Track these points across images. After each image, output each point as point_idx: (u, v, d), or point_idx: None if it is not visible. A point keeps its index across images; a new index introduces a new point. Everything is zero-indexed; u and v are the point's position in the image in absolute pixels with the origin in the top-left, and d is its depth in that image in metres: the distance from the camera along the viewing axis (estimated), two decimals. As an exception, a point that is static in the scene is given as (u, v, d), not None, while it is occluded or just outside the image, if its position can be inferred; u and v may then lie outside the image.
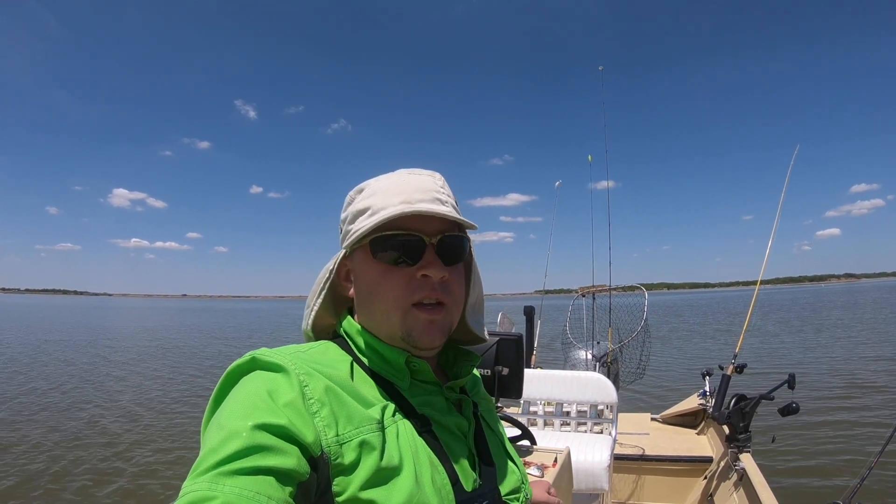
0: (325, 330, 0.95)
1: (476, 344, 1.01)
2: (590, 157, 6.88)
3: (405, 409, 0.80)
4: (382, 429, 0.74)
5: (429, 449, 0.78)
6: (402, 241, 0.81)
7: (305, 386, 0.71)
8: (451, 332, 0.86)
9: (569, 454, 2.14)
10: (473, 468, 0.84)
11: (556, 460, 2.03)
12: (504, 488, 0.88)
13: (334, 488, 0.68)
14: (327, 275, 0.92)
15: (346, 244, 0.88)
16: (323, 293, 0.92)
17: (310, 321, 0.93)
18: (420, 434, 0.78)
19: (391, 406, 0.78)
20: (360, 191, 0.90)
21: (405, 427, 0.77)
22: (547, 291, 6.94)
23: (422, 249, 0.82)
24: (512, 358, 2.36)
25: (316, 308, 0.92)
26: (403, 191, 0.84)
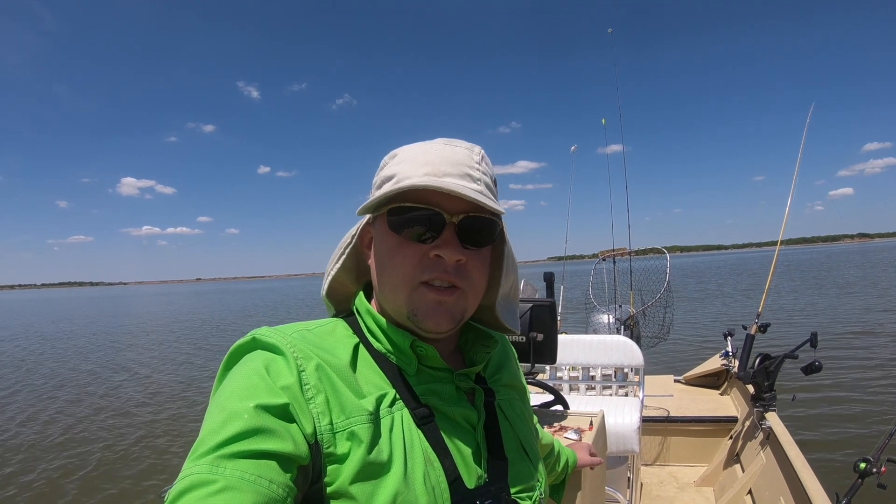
0: (348, 299, 0.91)
1: (507, 334, 0.97)
2: (603, 121, 6.82)
3: (408, 398, 0.76)
4: (376, 420, 0.71)
5: (427, 443, 0.74)
6: (420, 215, 0.75)
7: (302, 370, 0.69)
8: (463, 319, 0.80)
9: (603, 417, 2.15)
10: (480, 463, 0.79)
11: (591, 424, 2.05)
12: (515, 485, 0.82)
13: (326, 478, 0.66)
14: (349, 240, 0.88)
15: (363, 208, 0.81)
16: (342, 259, 0.88)
17: (325, 287, 0.89)
18: (419, 426, 0.74)
19: (390, 395, 0.75)
20: (394, 156, 0.83)
21: (402, 418, 0.74)
22: (567, 257, 6.95)
23: (441, 227, 0.76)
24: (546, 324, 2.36)
25: (333, 273, 0.88)
26: (432, 161, 0.77)
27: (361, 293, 0.87)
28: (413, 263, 0.76)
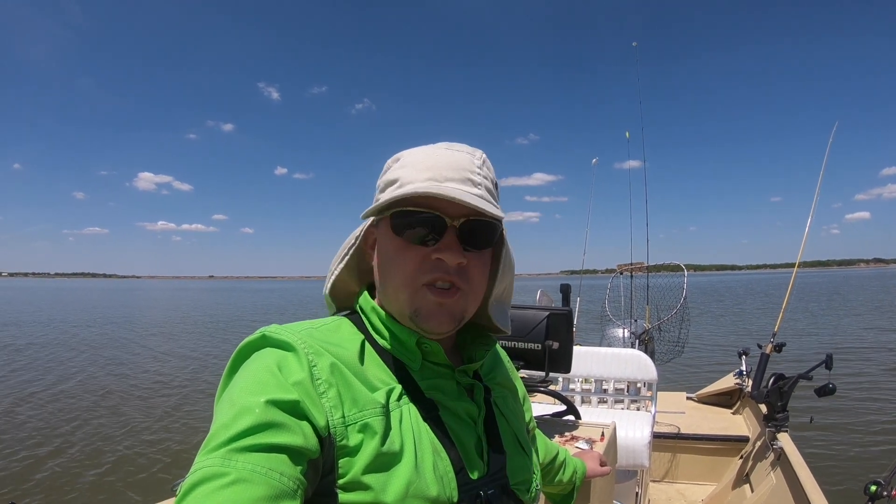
0: (349, 297, 0.93)
1: (499, 335, 0.97)
2: (627, 134, 6.81)
3: (413, 393, 0.78)
4: (387, 413, 0.73)
5: (433, 435, 0.76)
6: (422, 218, 0.77)
7: (314, 366, 0.70)
8: (463, 319, 0.82)
9: (615, 429, 2.15)
10: (482, 456, 0.82)
11: (603, 435, 2.05)
12: (513, 477, 0.85)
13: (339, 470, 0.68)
14: (352, 241, 0.89)
15: (367, 212, 0.83)
16: (346, 259, 0.89)
17: (328, 285, 0.91)
18: (425, 419, 0.77)
19: (398, 389, 0.77)
20: (397, 160, 0.85)
21: (410, 412, 0.76)
22: (580, 271, 6.93)
23: (442, 230, 0.78)
24: (562, 332, 2.35)
25: (336, 272, 0.89)
26: (434, 166, 0.80)
27: (366, 291, 0.89)
28: (415, 266, 0.78)
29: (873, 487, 2.71)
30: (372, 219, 0.86)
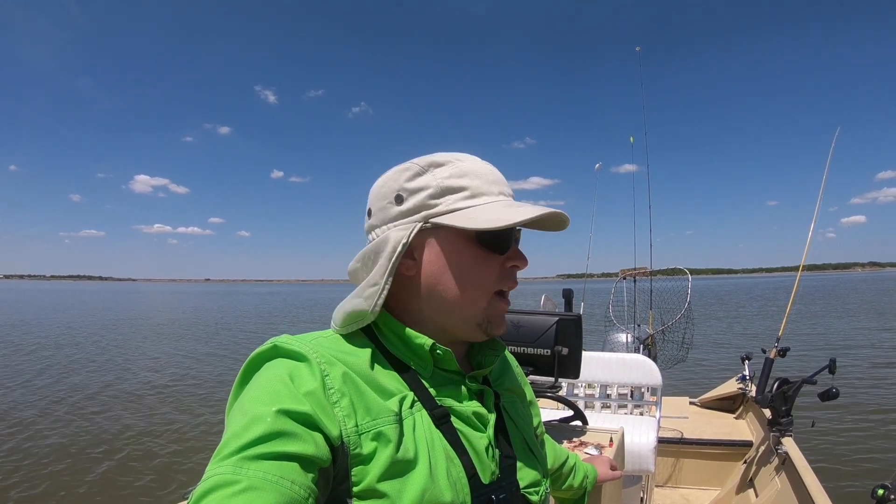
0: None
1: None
2: (632, 139, 6.81)
3: (424, 399, 0.79)
4: (400, 421, 0.74)
5: (445, 441, 0.77)
6: (511, 231, 0.82)
7: (326, 375, 0.71)
8: None
9: (623, 435, 2.15)
10: (492, 461, 0.83)
11: (612, 440, 2.04)
12: (523, 481, 0.88)
13: (353, 478, 0.68)
14: (399, 248, 0.79)
15: (438, 219, 0.80)
16: (393, 270, 0.80)
17: (379, 301, 0.80)
18: (438, 426, 0.78)
19: (410, 396, 0.78)
20: (438, 165, 0.82)
21: (422, 418, 0.77)
22: (580, 275, 6.94)
23: (516, 240, 0.84)
24: (571, 338, 2.34)
25: (388, 287, 0.80)
26: (497, 180, 0.84)
27: None
28: (495, 275, 0.83)
29: (880, 491, 2.70)
30: (419, 225, 0.81)
